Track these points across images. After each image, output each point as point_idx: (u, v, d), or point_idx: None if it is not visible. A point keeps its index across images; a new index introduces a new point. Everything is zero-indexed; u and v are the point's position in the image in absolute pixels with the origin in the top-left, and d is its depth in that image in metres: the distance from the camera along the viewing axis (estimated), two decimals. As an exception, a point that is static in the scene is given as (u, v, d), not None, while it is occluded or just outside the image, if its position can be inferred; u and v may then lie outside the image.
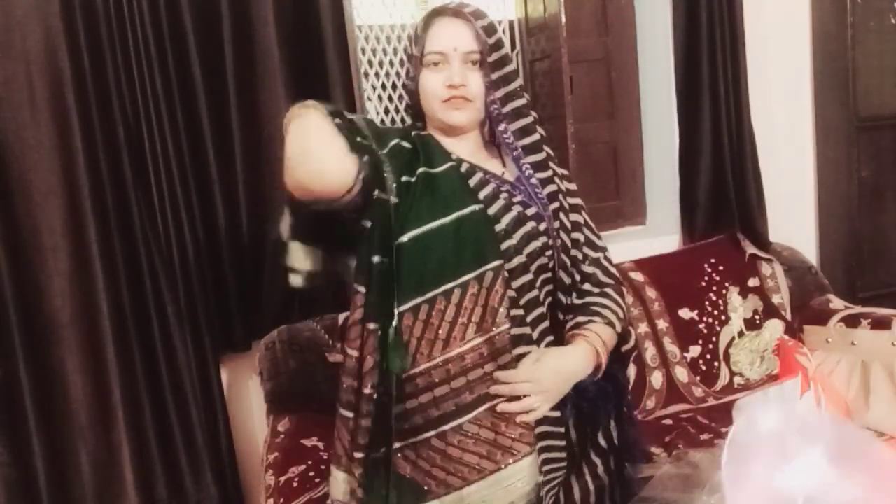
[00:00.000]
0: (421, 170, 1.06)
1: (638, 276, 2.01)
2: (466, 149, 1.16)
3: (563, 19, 2.12)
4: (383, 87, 2.88)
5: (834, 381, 1.84)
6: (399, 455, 1.04)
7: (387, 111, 2.89)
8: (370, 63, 2.85)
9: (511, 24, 2.50)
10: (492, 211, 1.08)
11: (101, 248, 1.55)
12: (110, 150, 1.56)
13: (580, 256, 1.15)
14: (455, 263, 1.03)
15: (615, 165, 2.40)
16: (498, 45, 1.13)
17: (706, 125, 2.14)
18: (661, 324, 1.95)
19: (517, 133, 1.14)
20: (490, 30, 1.12)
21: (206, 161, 1.72)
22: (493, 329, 1.03)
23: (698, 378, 1.94)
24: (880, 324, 1.85)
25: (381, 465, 1.03)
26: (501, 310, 1.03)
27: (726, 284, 2.04)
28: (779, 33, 2.30)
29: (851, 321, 1.92)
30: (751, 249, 2.12)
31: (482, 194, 1.09)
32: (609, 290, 1.16)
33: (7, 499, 1.53)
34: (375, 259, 1.00)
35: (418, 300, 1.01)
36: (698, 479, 1.40)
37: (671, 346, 1.94)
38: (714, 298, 2.02)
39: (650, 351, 1.92)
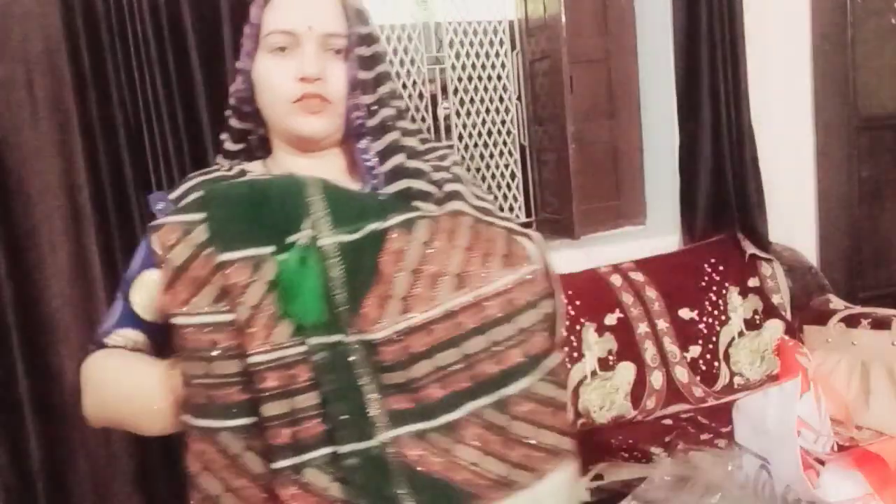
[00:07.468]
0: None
1: (638, 276, 2.01)
2: (325, 175, 0.83)
3: (564, 19, 2.12)
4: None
5: (834, 381, 1.84)
6: None
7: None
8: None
9: (511, 24, 2.49)
10: None
11: (100, 248, 1.54)
12: (110, 150, 1.56)
13: None
14: None
15: (615, 165, 2.40)
16: (371, 38, 0.87)
17: (706, 125, 2.13)
18: (661, 324, 1.95)
19: (381, 155, 0.85)
20: (362, 16, 0.87)
21: (206, 161, 1.71)
22: None
23: (698, 378, 1.94)
24: (880, 324, 1.85)
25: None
26: None
27: (726, 284, 2.04)
28: (779, 33, 2.30)
29: (851, 321, 1.92)
30: (751, 249, 2.11)
31: None
32: None
33: (6, 501, 1.53)
34: None
35: None
36: (698, 479, 1.40)
37: (671, 346, 1.94)
38: (714, 298, 2.02)
39: (650, 351, 1.92)
